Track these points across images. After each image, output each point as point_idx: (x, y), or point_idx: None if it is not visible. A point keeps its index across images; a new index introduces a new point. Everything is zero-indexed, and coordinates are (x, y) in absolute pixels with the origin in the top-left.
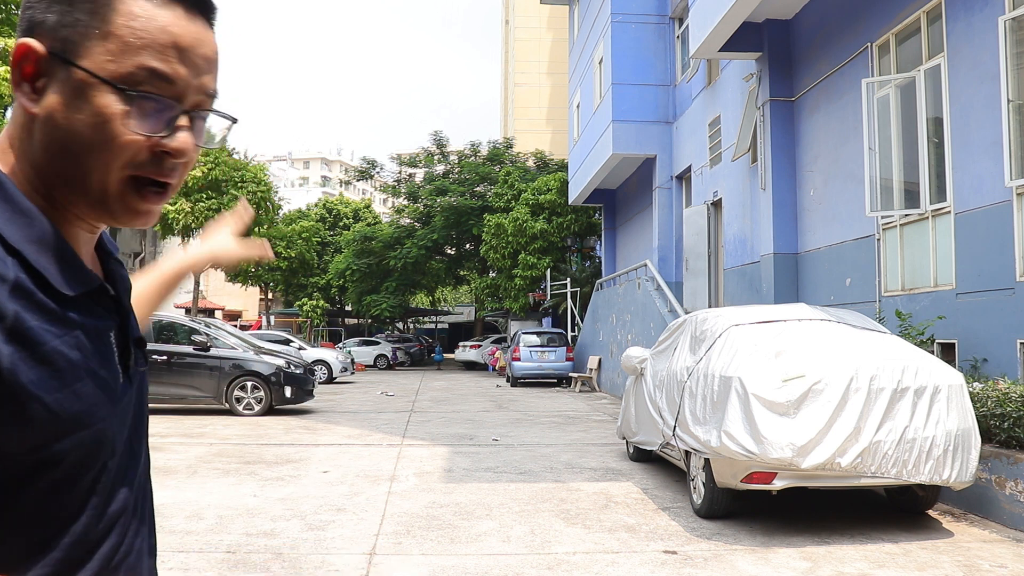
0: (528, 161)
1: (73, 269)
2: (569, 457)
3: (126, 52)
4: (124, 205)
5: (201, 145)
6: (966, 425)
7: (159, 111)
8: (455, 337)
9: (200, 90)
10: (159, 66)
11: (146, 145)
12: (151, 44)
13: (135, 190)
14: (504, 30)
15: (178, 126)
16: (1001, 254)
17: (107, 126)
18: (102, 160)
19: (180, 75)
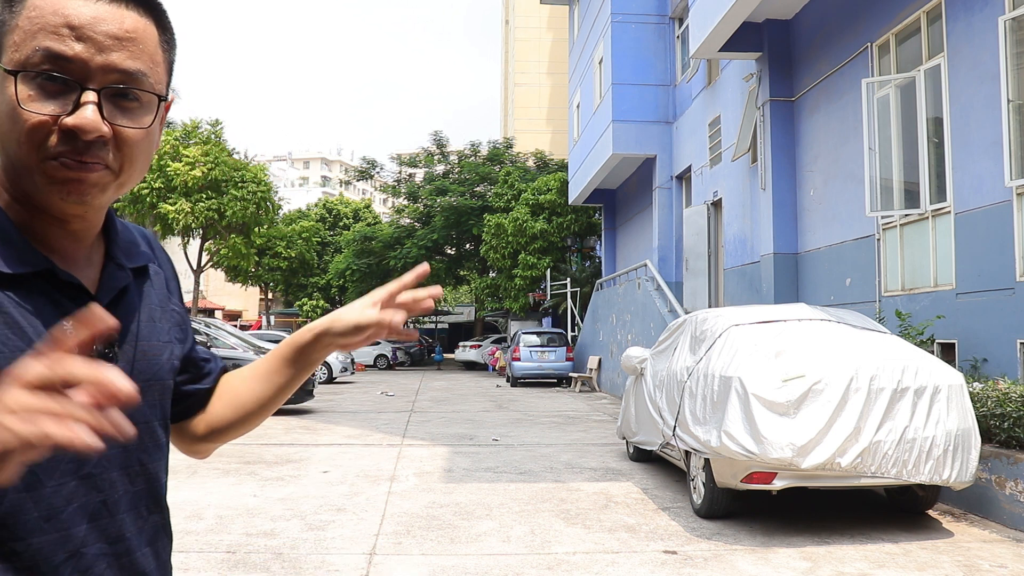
0: (528, 161)
1: (16, 251)
2: (569, 457)
3: (25, 39)
4: (48, 177)
5: (128, 125)
6: (966, 425)
7: (61, 91)
8: (455, 337)
9: (108, 68)
10: (51, 45)
11: (50, 124)
12: (44, 26)
13: (64, 160)
14: (504, 30)
15: (81, 103)
16: (1001, 254)
17: (15, 111)
18: (20, 142)
19: (76, 52)
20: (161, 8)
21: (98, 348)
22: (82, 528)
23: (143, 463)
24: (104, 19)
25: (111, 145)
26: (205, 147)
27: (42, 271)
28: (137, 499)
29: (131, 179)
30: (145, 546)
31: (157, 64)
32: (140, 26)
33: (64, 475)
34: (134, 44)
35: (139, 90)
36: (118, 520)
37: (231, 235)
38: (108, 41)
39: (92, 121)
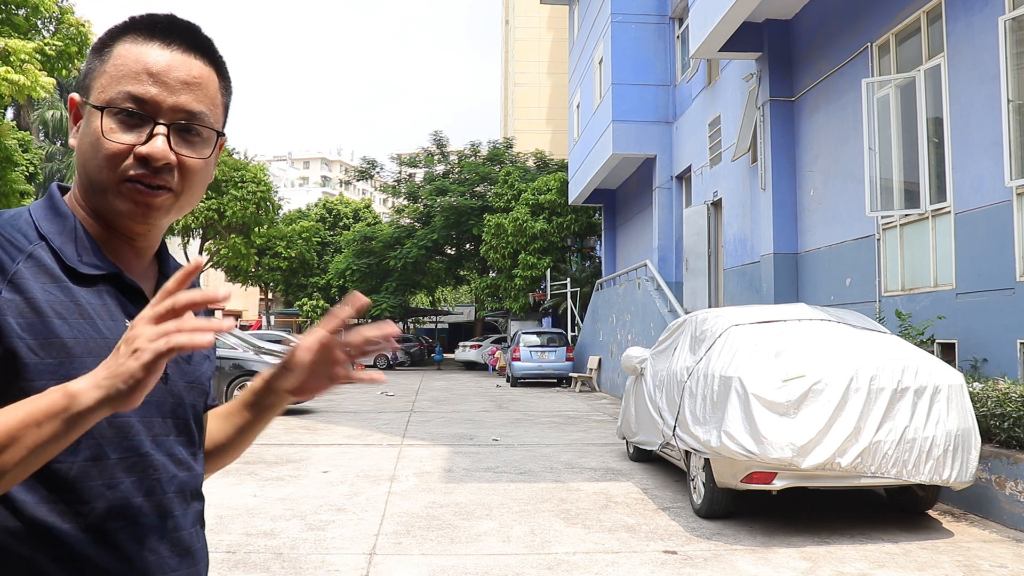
0: (528, 161)
1: (89, 254)
2: (569, 457)
3: (111, 83)
4: (125, 198)
5: (191, 156)
6: (966, 425)
7: (137, 125)
8: (455, 337)
9: (177, 108)
10: (132, 89)
11: (127, 152)
12: (128, 73)
13: (137, 185)
14: (504, 30)
15: (154, 135)
16: (1001, 254)
17: (99, 140)
18: (99, 167)
19: (152, 95)
20: (222, 60)
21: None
22: (138, 499)
23: (182, 454)
24: (176, 67)
25: (176, 172)
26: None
27: (111, 275)
28: (183, 485)
29: (189, 203)
30: (190, 527)
31: (216, 106)
32: (204, 74)
33: (125, 451)
34: (199, 89)
35: (201, 126)
36: (168, 499)
37: (231, 235)
38: (178, 85)
39: (162, 150)
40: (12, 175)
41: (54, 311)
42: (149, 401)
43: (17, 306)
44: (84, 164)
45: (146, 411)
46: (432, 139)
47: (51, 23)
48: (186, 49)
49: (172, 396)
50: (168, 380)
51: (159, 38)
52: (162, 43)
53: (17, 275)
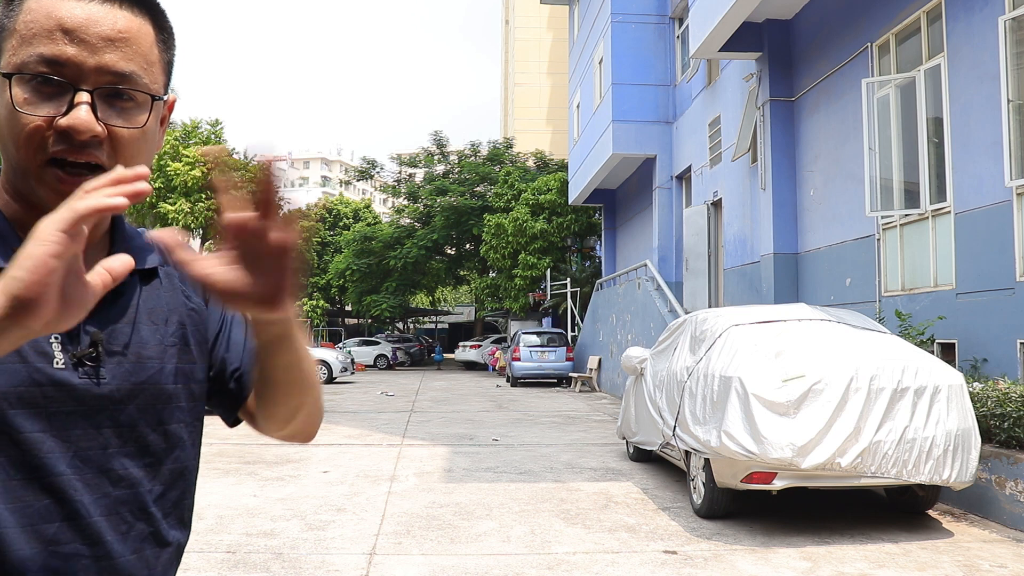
0: (528, 161)
1: (7, 246)
2: (569, 457)
3: (22, 44)
4: (47, 187)
5: (122, 125)
6: (966, 425)
7: (56, 93)
8: (455, 337)
9: (101, 69)
10: (45, 50)
11: (45, 126)
12: (39, 31)
13: (58, 172)
14: (504, 30)
15: (76, 104)
16: (1001, 254)
17: (13, 114)
18: (16, 145)
19: (69, 55)
20: (158, 7)
21: (82, 349)
22: (53, 526)
23: (125, 468)
24: (97, 21)
25: (106, 145)
26: (205, 147)
27: None
28: (117, 504)
29: None
30: (131, 552)
31: (152, 64)
32: (134, 26)
33: (32, 470)
34: (127, 45)
35: (133, 90)
36: (95, 522)
37: None
38: (101, 43)
39: (85, 121)
40: None
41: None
42: (72, 411)
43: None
44: (1, 140)
45: (64, 423)
46: (432, 139)
47: None
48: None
49: (111, 403)
50: (102, 384)
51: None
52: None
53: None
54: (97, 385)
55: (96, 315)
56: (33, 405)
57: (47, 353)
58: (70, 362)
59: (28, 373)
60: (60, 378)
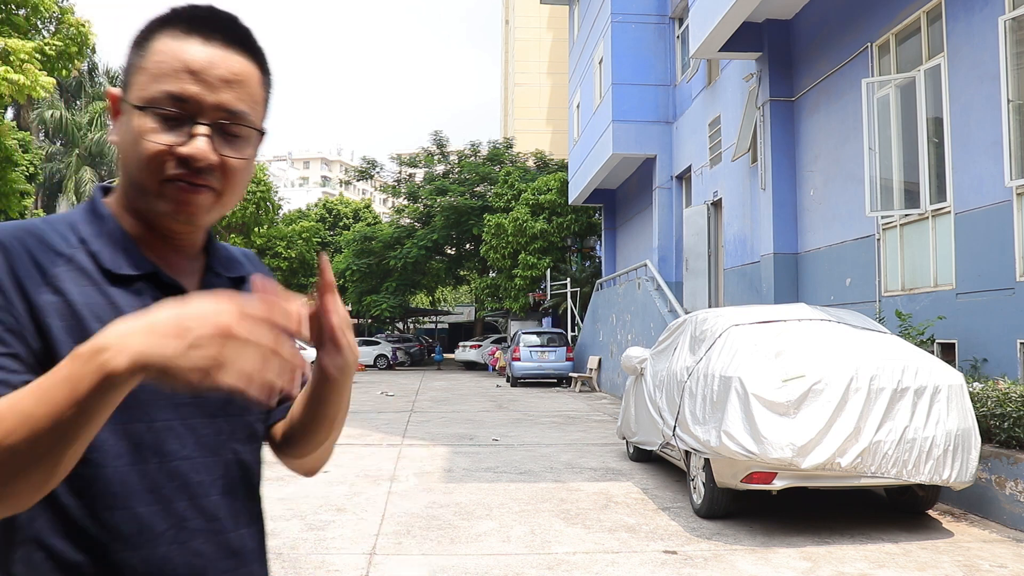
0: (528, 161)
1: (127, 256)
2: (569, 457)
3: (151, 81)
4: (168, 199)
5: (233, 156)
6: (966, 425)
7: (178, 125)
8: (455, 337)
9: (218, 106)
10: (172, 88)
11: (167, 152)
12: (167, 71)
13: (181, 184)
14: (504, 30)
15: (194, 135)
16: (1001, 254)
17: (139, 140)
18: (141, 167)
19: (192, 93)
20: (263, 53)
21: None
22: (182, 503)
23: (237, 452)
24: (216, 64)
25: (218, 171)
26: None
27: (148, 274)
28: (233, 485)
29: (230, 202)
30: (242, 528)
31: (258, 103)
32: (246, 70)
33: (168, 456)
34: (240, 86)
35: (243, 125)
36: (212, 500)
37: (231, 235)
38: (219, 83)
39: (204, 151)
40: (12, 175)
41: (92, 313)
42: (192, 402)
43: (57, 308)
44: (125, 163)
45: (188, 412)
46: (432, 139)
47: (51, 23)
48: (226, 44)
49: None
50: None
51: (198, 32)
52: (202, 38)
53: (55, 278)
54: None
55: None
56: (164, 397)
57: None
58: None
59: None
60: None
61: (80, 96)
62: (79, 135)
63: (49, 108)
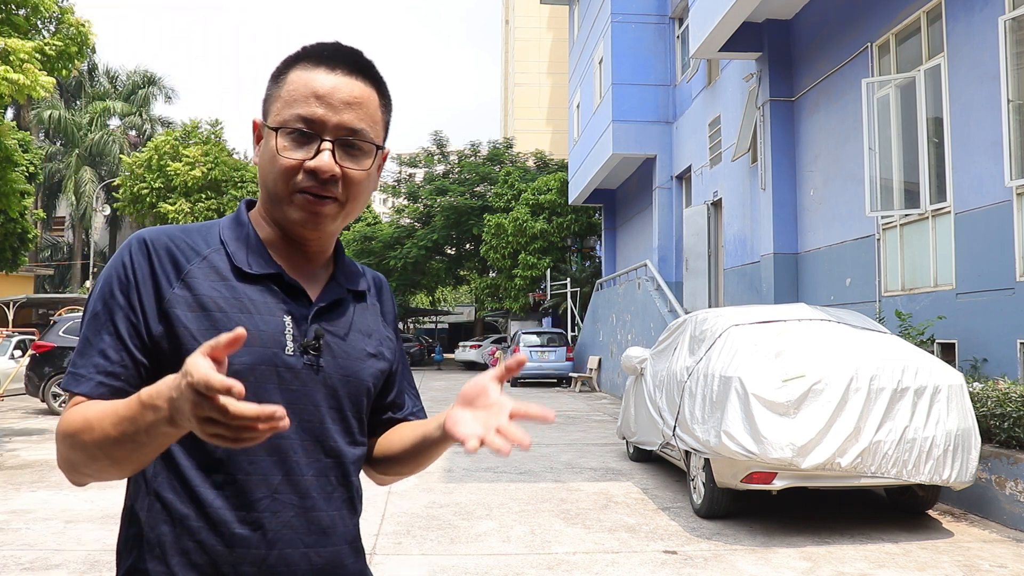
0: (528, 161)
1: (257, 257)
2: (569, 457)
3: (285, 107)
4: (297, 206)
5: (353, 168)
6: (966, 425)
7: (307, 143)
8: (455, 337)
9: (340, 125)
10: (302, 111)
11: (298, 166)
12: (299, 98)
13: (308, 196)
14: (504, 30)
15: (320, 150)
16: (1001, 254)
17: (275, 157)
18: (276, 179)
19: (319, 115)
20: (382, 80)
21: (308, 340)
22: (277, 477)
23: (331, 440)
24: (340, 89)
25: (341, 183)
26: (205, 147)
27: (274, 274)
28: (326, 469)
29: (354, 211)
30: (332, 510)
31: (376, 123)
32: (365, 94)
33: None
34: (360, 108)
35: (362, 141)
36: (306, 480)
37: None
38: (341, 105)
39: (328, 164)
40: (12, 175)
41: (216, 305)
42: (299, 390)
43: (186, 300)
44: (264, 178)
45: (295, 398)
46: (432, 139)
47: (51, 23)
48: (348, 72)
49: (325, 387)
50: (320, 371)
51: (325, 64)
52: (327, 68)
53: (189, 275)
54: (317, 373)
55: (322, 317)
56: (274, 381)
57: (281, 342)
58: (298, 350)
59: (268, 356)
60: (289, 362)
61: (80, 96)
62: (79, 135)
63: (49, 108)
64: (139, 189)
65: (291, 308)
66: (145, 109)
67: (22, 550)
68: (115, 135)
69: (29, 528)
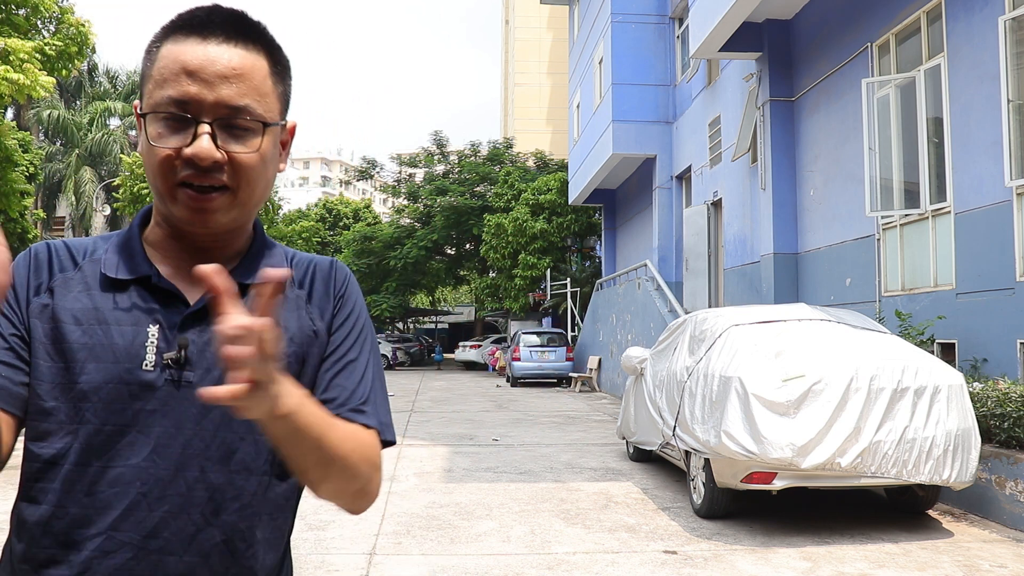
0: (528, 161)
1: (129, 261)
2: (569, 457)
3: (156, 87)
4: (181, 204)
5: (240, 151)
6: (966, 425)
7: (183, 128)
8: (455, 337)
9: (218, 103)
10: (172, 92)
11: (174, 155)
12: (168, 76)
13: (189, 191)
14: (504, 30)
15: (197, 135)
16: (1001, 254)
17: (150, 147)
18: (155, 173)
19: (191, 94)
20: (273, 44)
21: (169, 353)
22: (114, 512)
23: (205, 471)
24: (213, 61)
25: (228, 168)
26: None
27: (142, 277)
28: (189, 504)
29: (250, 198)
30: (190, 556)
31: (265, 95)
32: (247, 63)
33: (116, 458)
34: (241, 80)
35: (247, 120)
36: (154, 516)
37: None
38: (217, 80)
39: (206, 149)
40: (12, 175)
41: (73, 318)
42: (158, 410)
43: (45, 312)
44: (146, 172)
45: (153, 419)
46: (432, 139)
47: (51, 23)
48: (225, 39)
49: (194, 405)
50: (183, 387)
51: (196, 33)
52: (199, 37)
53: (56, 283)
54: (177, 388)
55: (199, 322)
56: (125, 400)
57: (138, 356)
58: (159, 364)
59: (119, 373)
60: (146, 379)
61: (80, 96)
62: (79, 135)
63: (49, 108)
64: (139, 189)
65: (160, 316)
66: None
67: None
68: (115, 135)
69: None
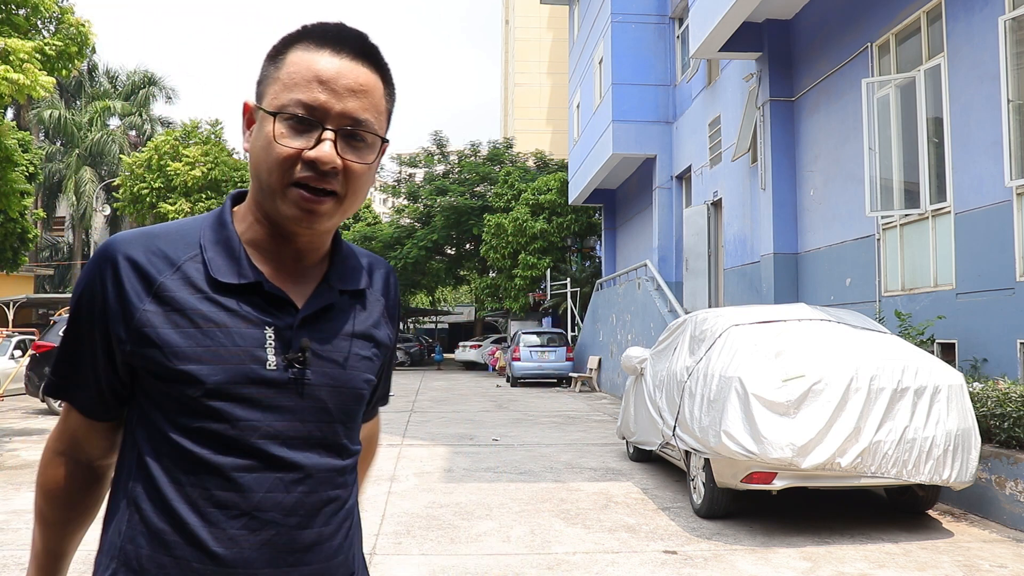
0: (528, 161)
1: (235, 265)
2: (569, 457)
3: (284, 90)
4: (291, 202)
5: (355, 161)
6: (966, 425)
7: (307, 130)
8: (455, 337)
9: (344, 114)
10: (303, 96)
11: (295, 156)
12: (299, 81)
13: (303, 192)
14: (504, 30)
15: (321, 140)
16: (1001, 254)
17: (271, 144)
18: (271, 169)
19: (321, 101)
20: (387, 67)
21: (292, 353)
22: (258, 495)
23: (317, 455)
24: (344, 75)
25: (341, 176)
26: (205, 147)
27: (253, 283)
28: (312, 484)
29: (352, 206)
30: (317, 526)
31: (380, 113)
32: (371, 81)
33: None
34: (365, 96)
35: (366, 132)
36: (289, 497)
37: None
38: (345, 92)
39: (329, 154)
40: (12, 175)
41: (190, 321)
42: (282, 406)
43: (158, 316)
44: (256, 167)
45: (278, 415)
46: (432, 139)
47: (51, 23)
48: (354, 57)
49: (312, 400)
50: (307, 385)
51: (329, 46)
52: (332, 51)
53: (161, 288)
54: (302, 386)
55: (310, 325)
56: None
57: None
58: (281, 364)
59: (245, 372)
60: (270, 377)
61: (80, 96)
62: (79, 135)
63: (49, 108)
64: (139, 189)
65: (274, 319)
66: (145, 109)
67: (22, 550)
68: (115, 135)
69: (29, 528)
